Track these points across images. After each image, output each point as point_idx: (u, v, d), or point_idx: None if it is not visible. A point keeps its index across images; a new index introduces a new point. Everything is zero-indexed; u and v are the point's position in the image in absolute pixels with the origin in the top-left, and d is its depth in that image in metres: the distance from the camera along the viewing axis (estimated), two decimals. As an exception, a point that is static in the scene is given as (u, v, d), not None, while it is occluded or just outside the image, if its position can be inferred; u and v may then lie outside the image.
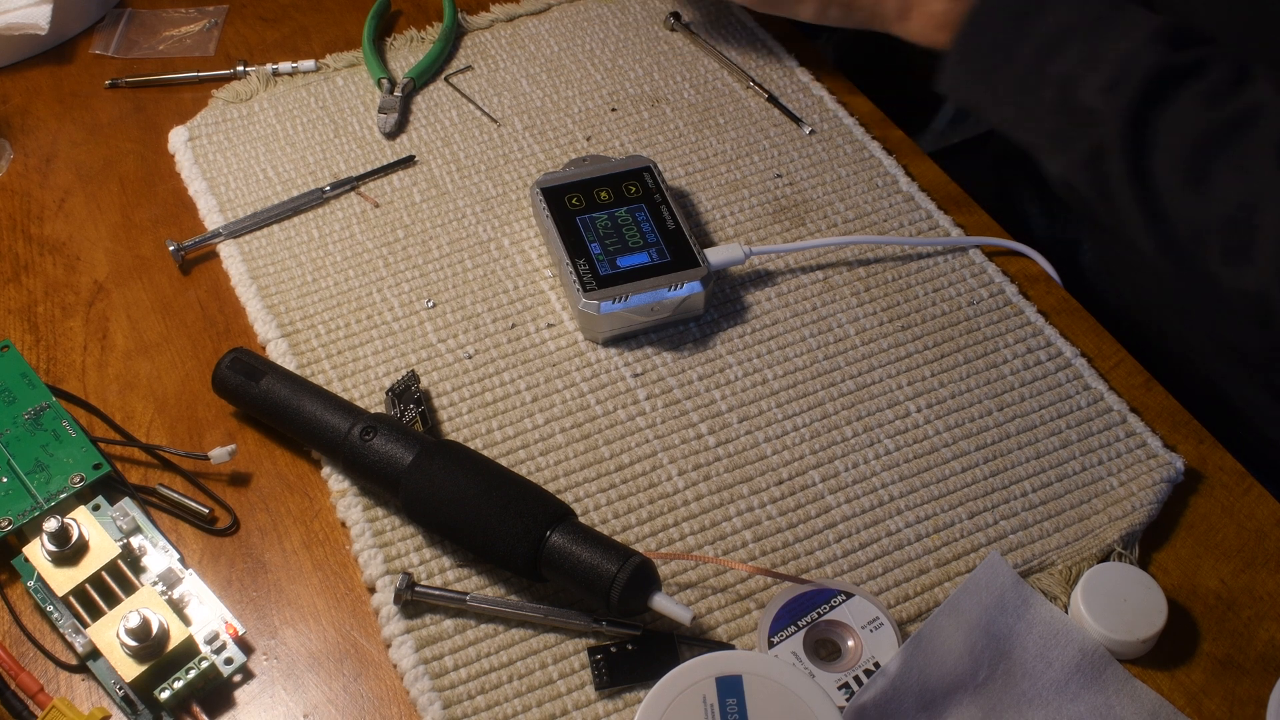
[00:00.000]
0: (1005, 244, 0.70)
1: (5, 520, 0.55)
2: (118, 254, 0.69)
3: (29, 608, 0.55)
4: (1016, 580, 0.55)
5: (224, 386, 0.61)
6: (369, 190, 0.72)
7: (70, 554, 0.53)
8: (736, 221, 0.71)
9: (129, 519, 0.56)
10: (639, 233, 0.66)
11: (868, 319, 0.66)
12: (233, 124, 0.75)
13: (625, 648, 0.53)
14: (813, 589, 0.55)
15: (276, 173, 0.72)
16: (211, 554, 0.57)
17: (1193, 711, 0.52)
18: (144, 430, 0.61)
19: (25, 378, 0.60)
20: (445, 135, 0.75)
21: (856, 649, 0.53)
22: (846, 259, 0.69)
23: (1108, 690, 0.52)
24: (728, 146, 0.75)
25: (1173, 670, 0.54)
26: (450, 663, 0.53)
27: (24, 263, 0.68)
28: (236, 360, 0.60)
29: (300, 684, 0.53)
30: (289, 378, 0.60)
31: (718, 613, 0.55)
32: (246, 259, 0.68)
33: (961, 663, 0.52)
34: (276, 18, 0.83)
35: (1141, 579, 0.54)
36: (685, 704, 0.48)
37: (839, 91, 0.79)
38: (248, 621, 0.55)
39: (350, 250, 0.69)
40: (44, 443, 0.58)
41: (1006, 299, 0.67)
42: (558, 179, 0.69)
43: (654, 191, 0.68)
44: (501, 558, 0.54)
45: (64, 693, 0.53)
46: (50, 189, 0.72)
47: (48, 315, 0.66)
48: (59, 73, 0.79)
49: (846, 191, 0.73)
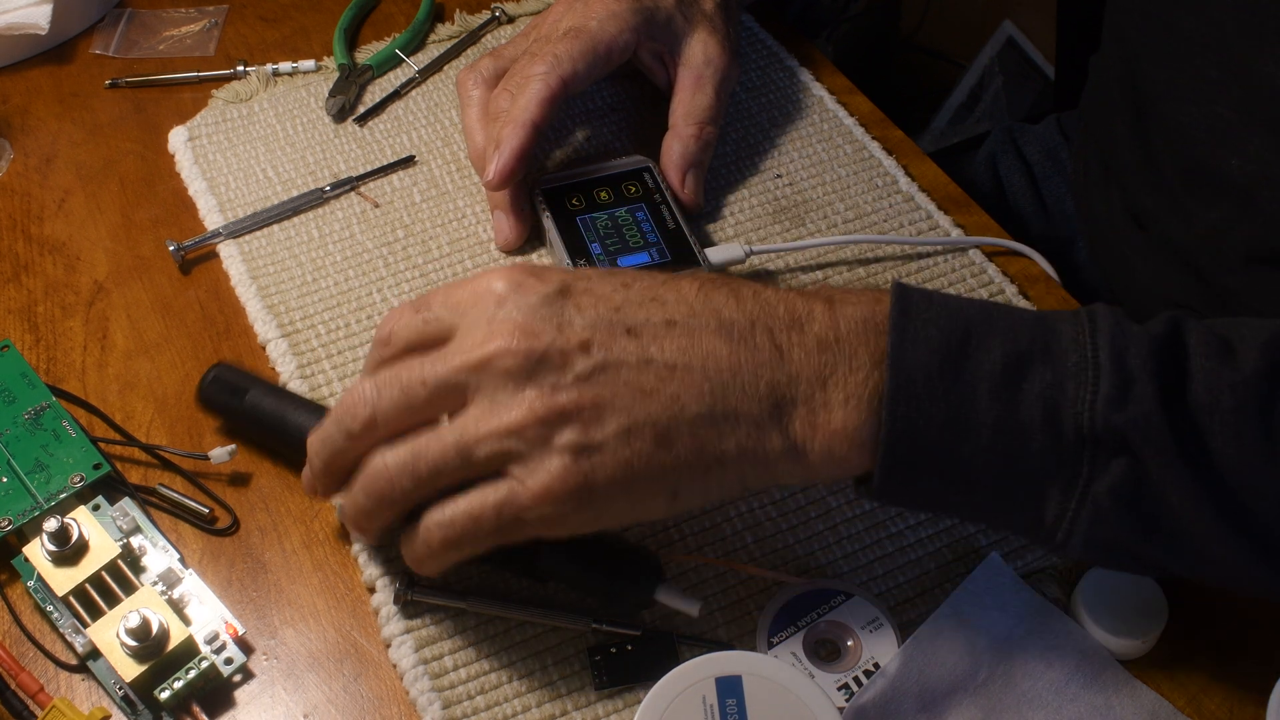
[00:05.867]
0: (1005, 244, 0.70)
1: (5, 520, 0.55)
2: (118, 254, 0.69)
3: (29, 608, 0.55)
4: (1016, 581, 0.55)
5: (208, 405, 0.60)
6: (369, 190, 0.72)
7: (70, 554, 0.53)
8: (736, 221, 0.71)
9: (129, 519, 0.56)
10: (639, 232, 0.66)
11: (868, 319, 0.66)
12: (233, 124, 0.75)
13: (625, 648, 0.53)
14: (812, 589, 0.55)
15: (276, 173, 0.72)
16: (211, 554, 0.57)
17: (1193, 712, 0.52)
18: (144, 430, 0.61)
19: (25, 378, 0.60)
20: (445, 135, 0.75)
21: (856, 649, 0.53)
22: (846, 259, 0.69)
23: (1107, 691, 0.52)
24: (728, 147, 0.75)
25: (1173, 670, 0.54)
26: (450, 663, 0.53)
27: (24, 263, 0.68)
28: (218, 379, 0.60)
29: (300, 684, 0.53)
30: (273, 392, 0.59)
31: (717, 613, 0.55)
32: (246, 259, 0.68)
33: (961, 663, 0.52)
34: (276, 18, 0.83)
35: (1142, 580, 0.54)
36: (685, 704, 0.48)
37: (839, 91, 0.79)
38: (248, 621, 0.55)
39: (350, 250, 0.69)
40: (44, 443, 0.58)
41: (1006, 299, 0.67)
42: (558, 179, 0.69)
43: (654, 191, 0.68)
44: (498, 557, 0.53)
45: (64, 693, 0.53)
46: (50, 189, 0.72)
47: (48, 315, 0.66)
48: (59, 73, 0.79)
49: (846, 191, 0.73)
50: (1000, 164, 0.88)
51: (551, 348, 0.47)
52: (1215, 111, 0.63)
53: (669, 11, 0.70)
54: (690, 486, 0.48)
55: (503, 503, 0.47)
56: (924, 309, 0.48)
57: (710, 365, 0.47)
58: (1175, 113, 0.66)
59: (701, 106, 0.70)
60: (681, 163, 0.69)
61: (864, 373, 0.47)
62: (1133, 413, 0.45)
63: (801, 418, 0.47)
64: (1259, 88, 0.60)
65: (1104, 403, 0.45)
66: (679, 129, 0.69)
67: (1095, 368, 0.46)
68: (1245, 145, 0.62)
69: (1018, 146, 0.88)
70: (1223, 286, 0.68)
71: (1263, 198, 0.62)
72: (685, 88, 0.70)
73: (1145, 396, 0.45)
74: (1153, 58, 0.67)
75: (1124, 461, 0.46)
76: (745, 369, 0.47)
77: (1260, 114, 0.61)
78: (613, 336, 0.48)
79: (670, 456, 0.47)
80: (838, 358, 0.48)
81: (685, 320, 0.48)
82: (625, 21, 0.69)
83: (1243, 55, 0.60)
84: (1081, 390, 0.46)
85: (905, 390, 0.46)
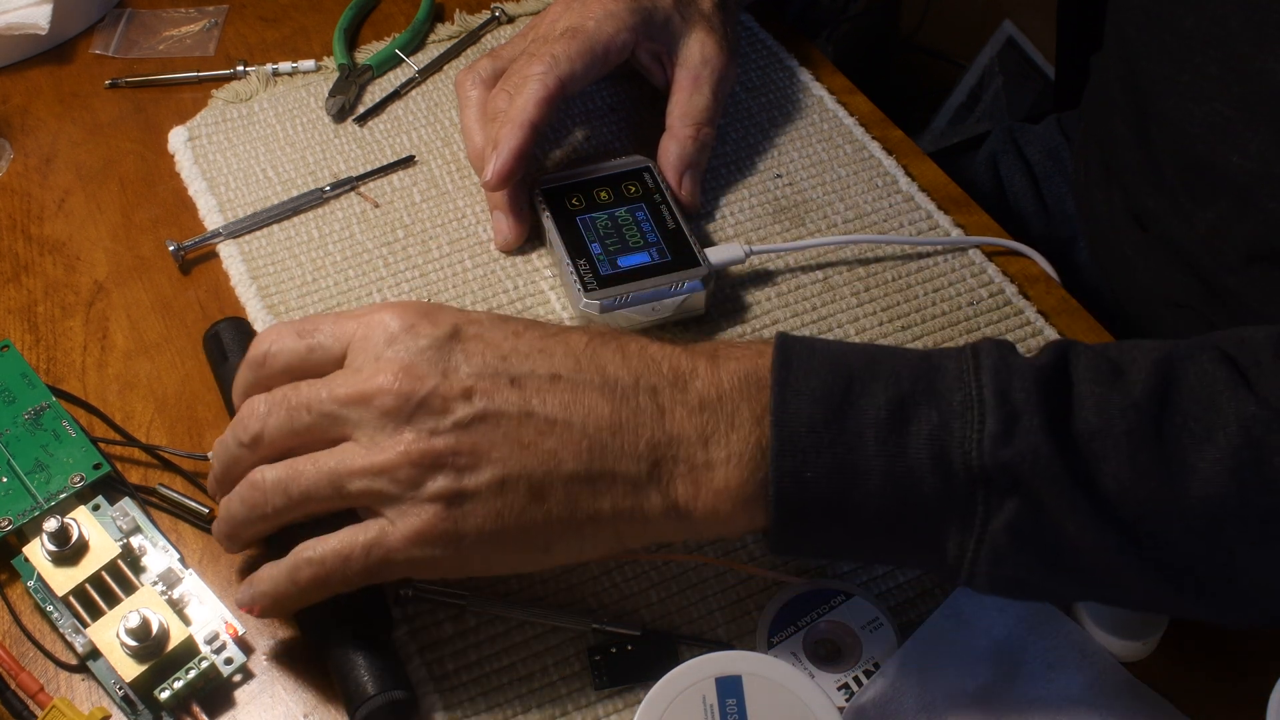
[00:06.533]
0: (1005, 244, 0.70)
1: (5, 520, 0.55)
2: (118, 254, 0.69)
3: (29, 608, 0.55)
4: (1016, 580, 0.55)
5: (206, 354, 0.61)
6: (369, 190, 0.72)
7: (70, 554, 0.53)
8: (736, 221, 0.71)
9: (129, 519, 0.56)
10: (639, 232, 0.66)
11: (867, 319, 0.66)
12: (233, 124, 0.75)
13: (625, 648, 0.53)
14: (812, 589, 0.55)
15: (276, 173, 0.72)
16: (211, 554, 0.57)
17: (1193, 711, 0.52)
18: (144, 430, 0.61)
19: (25, 378, 0.60)
20: (445, 135, 0.75)
21: (856, 649, 0.53)
22: (846, 259, 0.69)
23: (1108, 692, 0.52)
24: (727, 147, 0.75)
25: (1173, 670, 0.54)
26: (450, 663, 0.53)
27: (24, 263, 0.68)
28: (217, 336, 0.60)
29: (300, 684, 0.53)
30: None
31: (718, 613, 0.55)
32: (246, 259, 0.68)
33: (962, 664, 0.52)
34: (276, 18, 0.83)
35: (1141, 579, 0.54)
36: (685, 704, 0.48)
37: (839, 91, 0.79)
38: (248, 621, 0.54)
39: (350, 250, 0.69)
40: (44, 443, 0.58)
41: (1006, 299, 0.67)
42: (558, 179, 0.69)
43: (654, 191, 0.68)
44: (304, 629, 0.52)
45: (64, 693, 0.53)
46: (50, 189, 0.72)
47: (48, 315, 0.66)
48: (59, 73, 0.79)
49: (846, 191, 0.73)
50: (1001, 164, 0.88)
51: (434, 393, 0.47)
52: (1216, 109, 0.63)
53: (667, 11, 0.70)
54: (564, 543, 0.48)
55: (372, 543, 0.48)
56: (805, 359, 0.47)
57: (590, 423, 0.47)
58: (1176, 111, 0.66)
59: (699, 107, 0.70)
60: (679, 164, 0.69)
61: (746, 429, 0.47)
62: (1020, 446, 0.44)
63: (683, 477, 0.47)
64: (1260, 85, 0.60)
65: (990, 440, 0.45)
66: (676, 130, 0.69)
67: (980, 405, 0.45)
68: (1246, 143, 0.62)
69: (1019, 146, 0.88)
70: (1223, 286, 0.68)
71: (1263, 195, 0.62)
72: (682, 88, 0.70)
73: (1032, 429, 0.44)
74: (1153, 56, 0.67)
75: (1018, 498, 0.45)
76: (626, 428, 0.47)
77: (1261, 111, 0.61)
78: (496, 386, 0.48)
79: (542, 512, 0.47)
80: (719, 416, 0.47)
81: (570, 375, 0.48)
82: (623, 21, 0.69)
83: (1243, 53, 0.60)
84: (967, 429, 0.45)
85: (790, 443, 0.46)
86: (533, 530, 0.48)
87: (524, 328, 0.50)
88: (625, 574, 0.56)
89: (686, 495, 0.47)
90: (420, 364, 0.48)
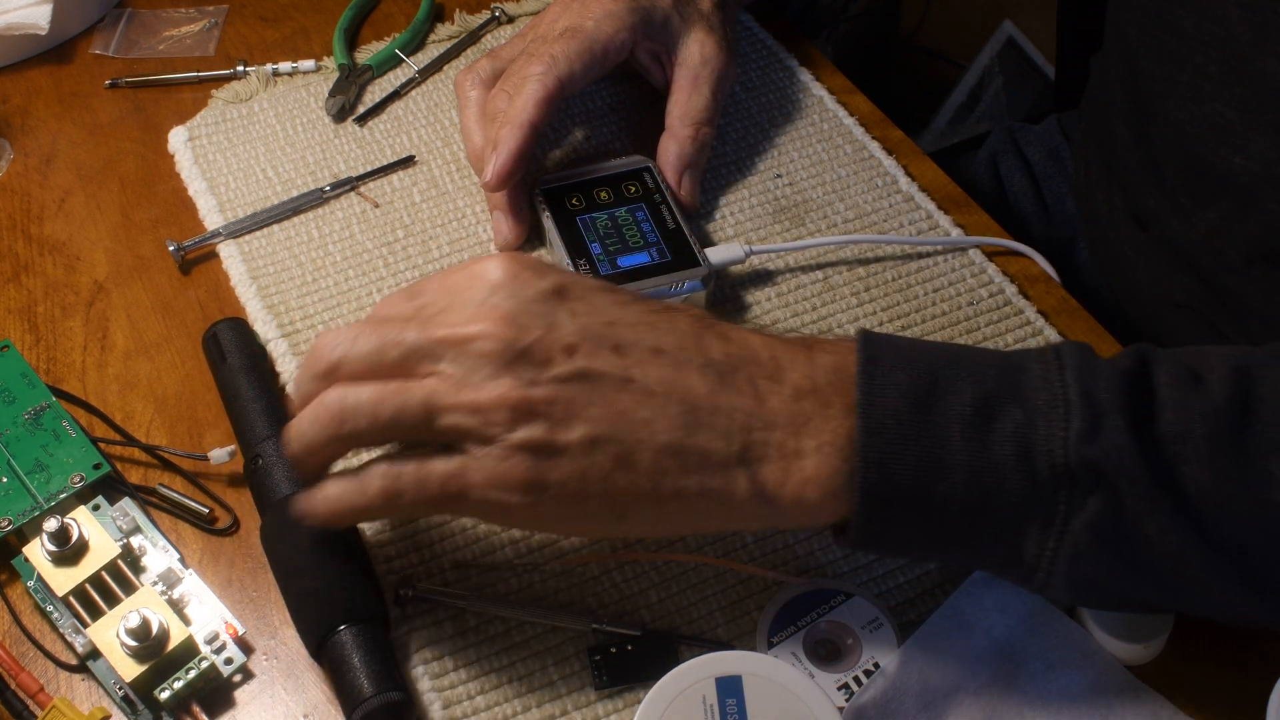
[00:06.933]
0: (1005, 244, 0.70)
1: (5, 520, 0.55)
2: (118, 254, 0.69)
3: (29, 608, 0.55)
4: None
5: (207, 356, 0.62)
6: (369, 190, 0.72)
7: (70, 554, 0.53)
8: (736, 221, 0.71)
9: (129, 519, 0.56)
10: (639, 232, 0.66)
11: (868, 319, 0.66)
12: (233, 124, 0.75)
13: (625, 648, 0.53)
14: (812, 589, 0.55)
15: (276, 173, 0.72)
16: (211, 554, 0.57)
17: (1193, 711, 0.52)
18: (144, 430, 0.61)
19: (25, 378, 0.60)
20: (445, 135, 0.75)
21: (856, 649, 0.53)
22: (846, 259, 0.69)
23: (1109, 692, 0.52)
24: (727, 146, 0.75)
25: (1173, 671, 0.54)
26: (450, 663, 0.53)
27: (24, 263, 0.68)
28: (216, 336, 0.61)
29: (300, 684, 0.53)
30: (249, 371, 0.60)
31: (718, 613, 0.55)
32: (246, 259, 0.68)
33: (962, 664, 0.52)
34: (276, 18, 0.83)
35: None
36: (685, 704, 0.48)
37: (839, 91, 0.79)
38: (248, 621, 0.55)
39: (350, 250, 0.69)
40: (44, 443, 0.58)
41: (1006, 299, 0.67)
42: (557, 179, 0.69)
43: (654, 191, 0.68)
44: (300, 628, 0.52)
45: (64, 693, 0.53)
46: (50, 189, 0.72)
47: (48, 315, 0.66)
48: (59, 73, 0.79)
49: (846, 191, 0.73)
50: (1001, 164, 0.88)
51: (538, 343, 0.47)
52: (1216, 110, 0.63)
53: (666, 11, 0.70)
54: (640, 514, 0.48)
55: (452, 474, 0.47)
56: (890, 355, 0.48)
57: (688, 400, 0.47)
58: (1176, 111, 0.66)
59: (698, 107, 0.70)
60: (678, 164, 0.69)
61: (837, 420, 0.47)
62: (1105, 445, 0.45)
63: (773, 462, 0.47)
64: (1261, 86, 0.60)
65: (1076, 438, 0.45)
66: (675, 130, 0.69)
67: (1065, 404, 0.46)
68: (1246, 144, 0.62)
69: (1019, 146, 0.88)
70: (1223, 286, 0.68)
71: (1264, 196, 0.62)
72: (682, 88, 0.70)
73: (1117, 429, 0.45)
74: (1153, 56, 0.67)
75: (1100, 496, 0.45)
76: (721, 410, 0.47)
77: (1262, 112, 0.61)
78: (599, 348, 0.47)
79: (627, 479, 0.47)
80: (814, 406, 0.47)
81: (673, 351, 0.48)
82: (622, 21, 0.69)
83: (1244, 54, 0.60)
84: (1053, 427, 0.45)
85: (877, 434, 0.46)
86: (614, 495, 0.47)
87: (630, 299, 0.50)
88: (625, 574, 0.56)
89: (775, 481, 0.47)
90: (524, 314, 0.47)
